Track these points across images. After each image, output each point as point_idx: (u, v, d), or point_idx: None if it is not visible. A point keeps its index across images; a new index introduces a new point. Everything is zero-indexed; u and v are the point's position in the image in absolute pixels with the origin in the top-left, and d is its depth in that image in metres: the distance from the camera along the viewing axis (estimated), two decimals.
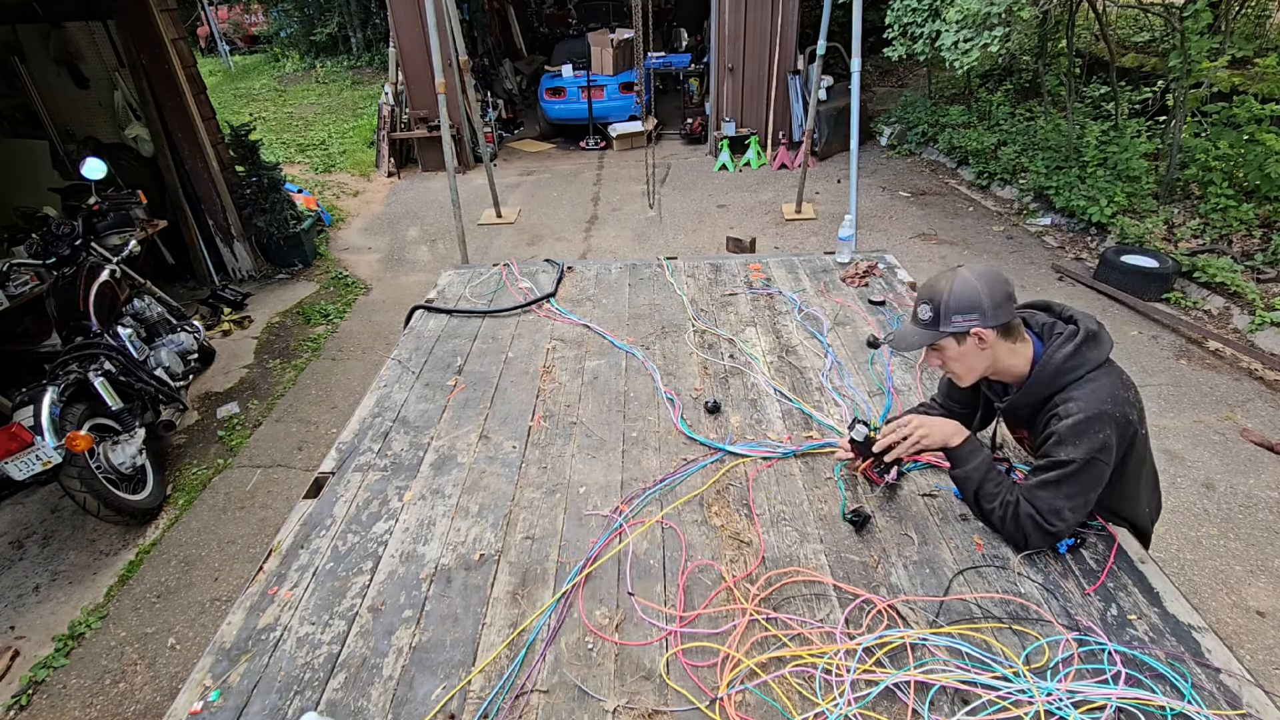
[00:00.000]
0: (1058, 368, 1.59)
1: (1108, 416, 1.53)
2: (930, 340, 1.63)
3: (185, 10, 16.00)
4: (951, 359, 1.65)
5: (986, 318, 1.56)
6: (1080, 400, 1.55)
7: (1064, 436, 1.55)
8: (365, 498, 1.96)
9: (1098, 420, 1.53)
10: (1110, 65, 6.86)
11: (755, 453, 2.01)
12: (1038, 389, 1.62)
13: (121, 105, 5.88)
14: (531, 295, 3.00)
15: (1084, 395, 1.56)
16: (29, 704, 2.86)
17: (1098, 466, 1.54)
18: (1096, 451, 1.53)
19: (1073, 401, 1.56)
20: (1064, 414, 1.56)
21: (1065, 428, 1.55)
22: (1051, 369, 1.59)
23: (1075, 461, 1.53)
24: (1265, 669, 2.65)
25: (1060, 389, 1.60)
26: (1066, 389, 1.59)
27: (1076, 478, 1.54)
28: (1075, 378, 1.59)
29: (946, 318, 1.59)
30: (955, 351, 1.63)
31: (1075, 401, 1.56)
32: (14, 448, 3.06)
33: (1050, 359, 1.59)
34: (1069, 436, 1.54)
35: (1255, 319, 4.57)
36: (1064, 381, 1.59)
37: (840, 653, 1.41)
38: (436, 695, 1.40)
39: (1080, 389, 1.57)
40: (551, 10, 14.58)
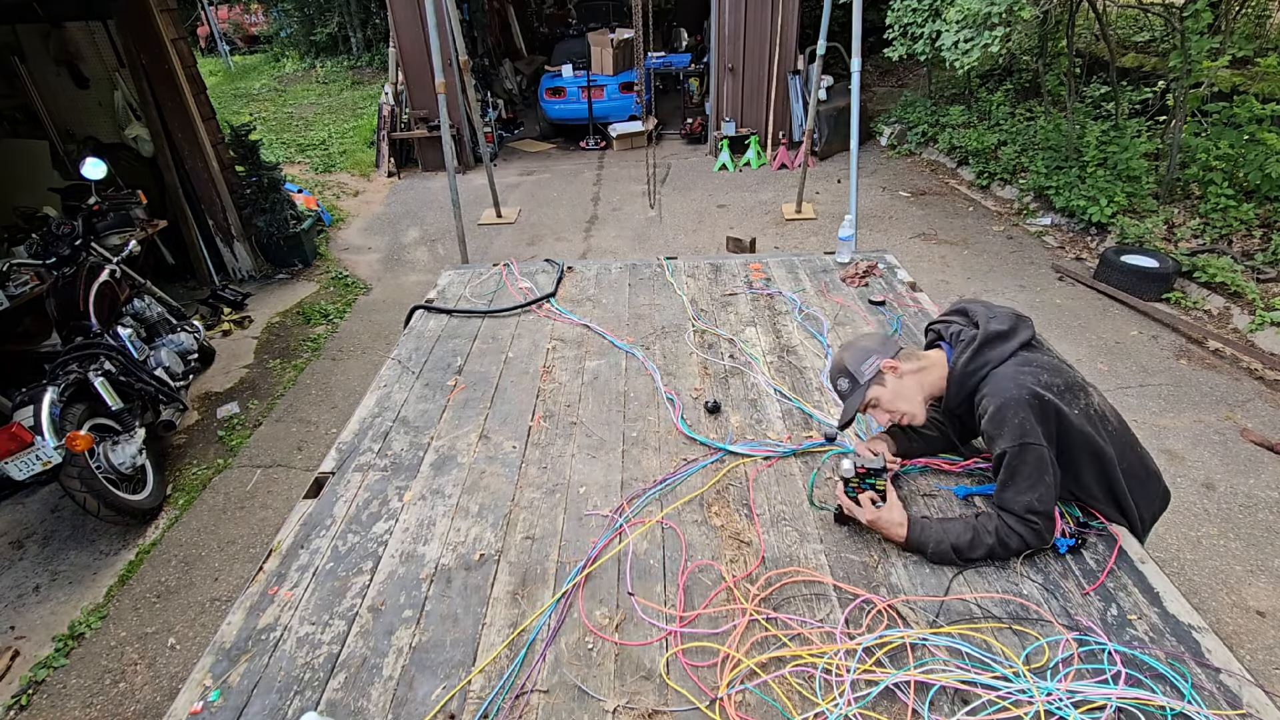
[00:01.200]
0: (962, 373, 1.71)
1: (1016, 401, 1.59)
2: (861, 398, 1.77)
3: (185, 10, 16.01)
4: (888, 403, 1.76)
5: (882, 352, 1.76)
6: (988, 396, 1.65)
7: (989, 434, 1.64)
8: (365, 498, 1.96)
9: (1006, 408, 1.60)
10: (1110, 65, 6.86)
11: (756, 452, 2.01)
12: (956, 395, 1.74)
13: (121, 105, 5.88)
14: (531, 295, 3.00)
15: (990, 391, 1.65)
16: (29, 704, 2.86)
17: (1032, 450, 1.58)
18: (1022, 436, 1.58)
19: (984, 399, 1.66)
20: (980, 413, 1.67)
21: (986, 426, 1.65)
22: (958, 375, 1.71)
23: (1007, 451, 1.60)
24: (1265, 669, 2.65)
25: (972, 391, 1.71)
26: (977, 389, 1.69)
27: (1019, 466, 1.59)
28: (980, 378, 1.69)
29: (859, 373, 1.77)
30: (887, 395, 1.75)
31: (986, 398, 1.65)
32: (14, 448, 3.06)
33: (955, 367, 1.72)
34: (991, 432, 1.63)
35: (1255, 319, 4.57)
36: (972, 384, 1.70)
37: (840, 653, 1.41)
38: (436, 695, 1.40)
39: (986, 386, 1.67)
40: (551, 10, 14.58)
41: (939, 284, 5.59)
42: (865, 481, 1.69)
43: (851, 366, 1.79)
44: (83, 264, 3.91)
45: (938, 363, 1.77)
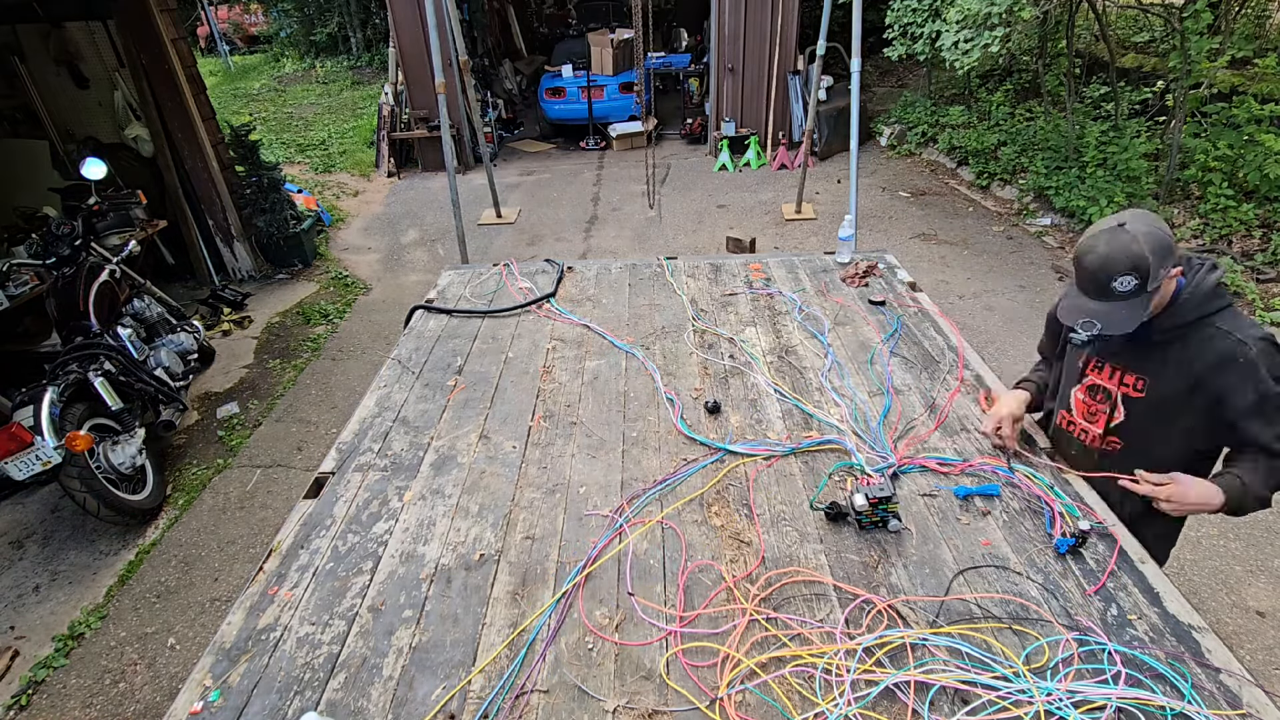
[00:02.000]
0: (1209, 292, 1.57)
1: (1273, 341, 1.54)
2: (1146, 306, 1.53)
3: (185, 10, 16.00)
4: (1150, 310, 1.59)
5: (1175, 254, 1.53)
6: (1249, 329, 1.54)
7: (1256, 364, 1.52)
8: (365, 498, 1.96)
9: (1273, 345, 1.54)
10: (1110, 65, 6.86)
11: (756, 451, 2.01)
12: (1187, 311, 1.58)
13: (121, 105, 5.88)
14: (531, 295, 3.00)
15: (1245, 324, 1.55)
16: (29, 704, 2.86)
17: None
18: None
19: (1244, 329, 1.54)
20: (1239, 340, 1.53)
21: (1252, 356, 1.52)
22: (1202, 293, 1.57)
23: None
24: (1265, 669, 2.65)
25: (1208, 315, 1.56)
26: (1215, 316, 1.56)
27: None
28: (1224, 305, 1.58)
29: (1155, 276, 1.49)
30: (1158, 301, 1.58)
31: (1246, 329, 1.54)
32: (14, 448, 3.07)
33: (1200, 284, 1.58)
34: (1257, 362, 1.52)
35: (1255, 319, 4.57)
36: (1213, 307, 1.56)
37: (840, 653, 1.41)
38: (436, 695, 1.40)
39: (1233, 319, 1.56)
40: (551, 10, 14.58)
41: (939, 284, 5.59)
42: (879, 509, 1.70)
43: (1151, 263, 1.47)
44: (83, 264, 3.91)
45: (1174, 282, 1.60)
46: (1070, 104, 6.65)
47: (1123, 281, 1.51)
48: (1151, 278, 1.49)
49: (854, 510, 1.73)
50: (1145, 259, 1.48)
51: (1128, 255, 1.49)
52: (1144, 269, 1.48)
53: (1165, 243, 1.50)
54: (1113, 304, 1.54)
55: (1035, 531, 1.69)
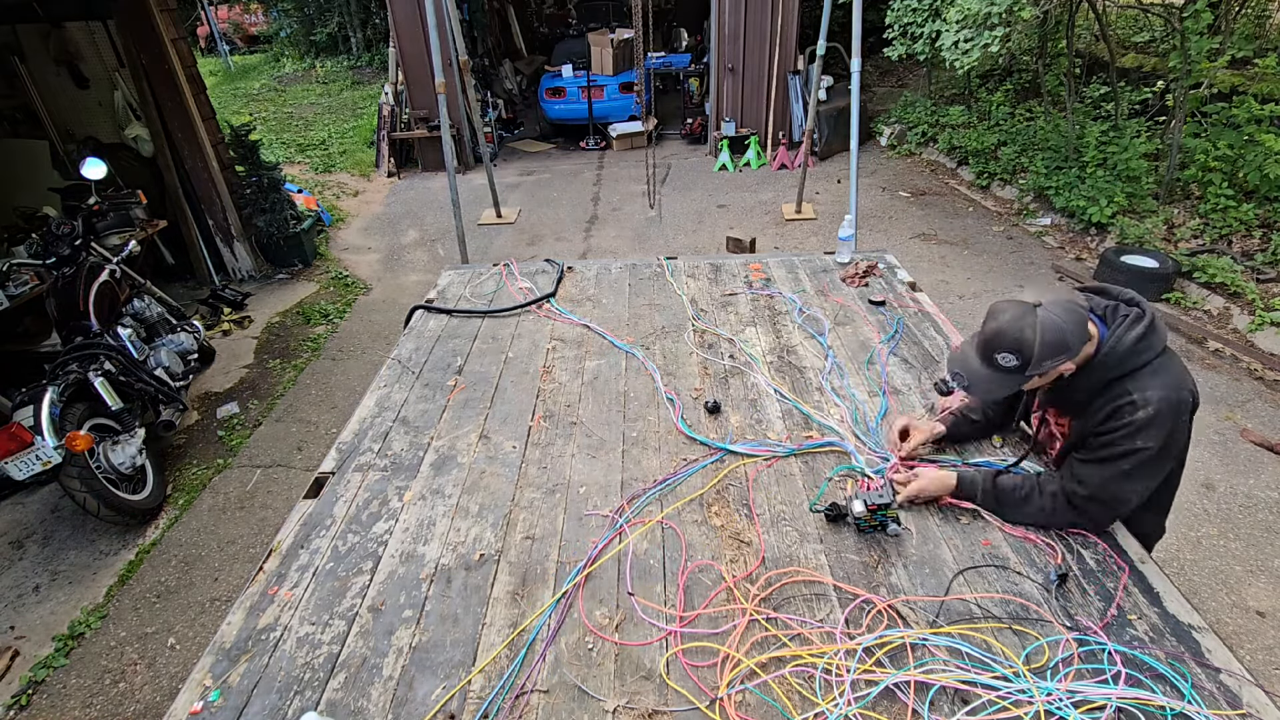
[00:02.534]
0: (1127, 350, 1.54)
1: (1183, 405, 1.52)
2: (1018, 386, 1.59)
3: (185, 10, 16.01)
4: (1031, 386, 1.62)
5: (1072, 352, 1.53)
6: (1157, 389, 1.51)
7: (1142, 425, 1.51)
8: (365, 498, 1.96)
9: (1176, 408, 1.51)
10: (1110, 65, 6.86)
11: (759, 451, 2.01)
12: (1102, 372, 1.57)
13: (121, 105, 5.88)
14: (531, 295, 3.00)
15: (1160, 383, 1.52)
16: (29, 704, 2.86)
17: (1166, 457, 1.54)
18: (1170, 439, 1.52)
19: (1150, 390, 1.51)
20: (1141, 402, 1.51)
21: (1144, 417, 1.50)
22: (1121, 352, 1.54)
23: (1150, 449, 1.51)
24: (1265, 669, 2.65)
25: (1128, 373, 1.55)
26: (1135, 374, 1.54)
27: (1149, 467, 1.54)
28: (1144, 361, 1.54)
29: (1038, 365, 1.53)
30: (1037, 382, 1.60)
31: (1153, 390, 1.51)
32: (14, 448, 3.06)
33: (1119, 342, 1.55)
34: (1147, 425, 1.50)
35: (1255, 319, 4.57)
36: (1132, 365, 1.55)
37: (840, 653, 1.41)
38: (436, 695, 1.40)
39: (1154, 376, 1.53)
40: (551, 10, 14.58)
41: (939, 284, 5.59)
42: (877, 515, 1.71)
43: (1035, 353, 1.52)
44: (83, 264, 3.91)
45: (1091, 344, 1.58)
46: (1070, 104, 6.65)
47: (1004, 358, 1.56)
48: (1033, 365, 1.53)
49: (853, 516, 1.73)
50: (1031, 347, 1.52)
51: (1019, 337, 1.53)
52: (1027, 355, 1.52)
53: (1062, 340, 1.51)
54: (990, 371, 1.59)
55: (1035, 530, 1.69)
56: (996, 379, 1.59)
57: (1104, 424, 1.57)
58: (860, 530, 1.74)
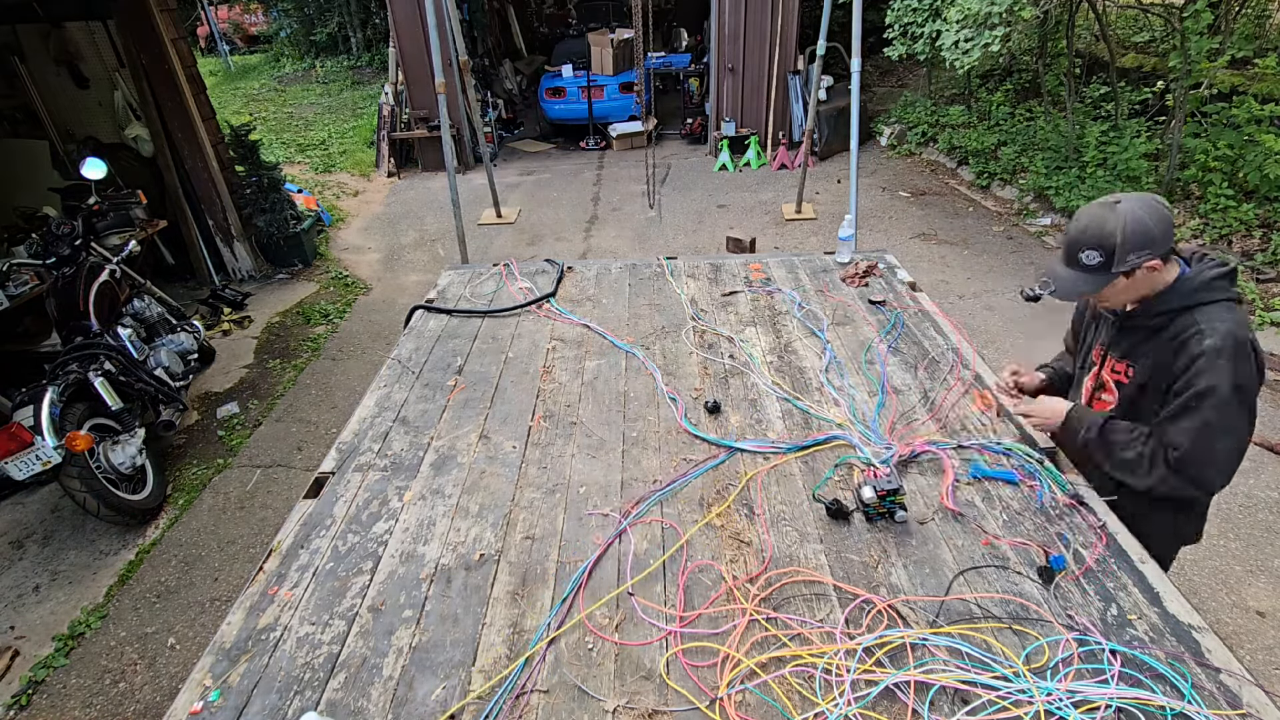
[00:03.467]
0: (1203, 283, 1.52)
1: (1246, 344, 1.45)
2: (1103, 284, 1.56)
3: (185, 10, 16.00)
4: (1117, 293, 1.59)
5: (1158, 247, 1.50)
6: (1224, 321, 1.46)
7: (1210, 355, 1.45)
8: (365, 498, 1.96)
9: (1245, 345, 1.45)
10: (1110, 65, 6.86)
11: (762, 448, 2.01)
12: (1177, 298, 1.54)
13: (121, 105, 5.88)
14: (531, 295, 3.00)
15: (1227, 317, 1.46)
16: (29, 704, 2.86)
17: (1246, 399, 1.45)
18: (1243, 380, 1.44)
19: (1218, 321, 1.47)
20: (1209, 331, 1.47)
21: (1212, 345, 1.45)
22: (1196, 283, 1.52)
23: (1219, 386, 1.44)
24: (1265, 669, 2.65)
25: (1193, 306, 1.52)
26: (1205, 307, 1.50)
27: (1228, 409, 1.46)
28: (1213, 298, 1.51)
29: (1121, 259, 1.51)
30: (1123, 286, 1.56)
31: (1218, 321, 1.46)
32: (14, 448, 3.07)
33: (1198, 274, 1.53)
34: (1215, 356, 1.44)
35: (1255, 319, 4.57)
36: (1200, 299, 1.51)
37: (840, 653, 1.41)
38: (437, 695, 1.40)
39: (1218, 312, 1.48)
40: (551, 10, 14.58)
41: (939, 284, 5.59)
42: (886, 501, 1.72)
43: (1118, 243, 1.50)
44: (83, 264, 3.91)
45: (1170, 270, 1.58)
46: (1070, 104, 6.65)
47: (1088, 255, 1.55)
48: (1117, 260, 1.51)
49: (862, 502, 1.74)
50: (1113, 240, 1.51)
51: (1100, 233, 1.53)
52: (1110, 248, 1.51)
53: (1148, 231, 1.49)
54: (1075, 272, 1.59)
55: (1036, 532, 1.69)
56: (1082, 279, 1.58)
57: (1175, 363, 1.53)
58: (869, 518, 1.75)
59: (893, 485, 1.71)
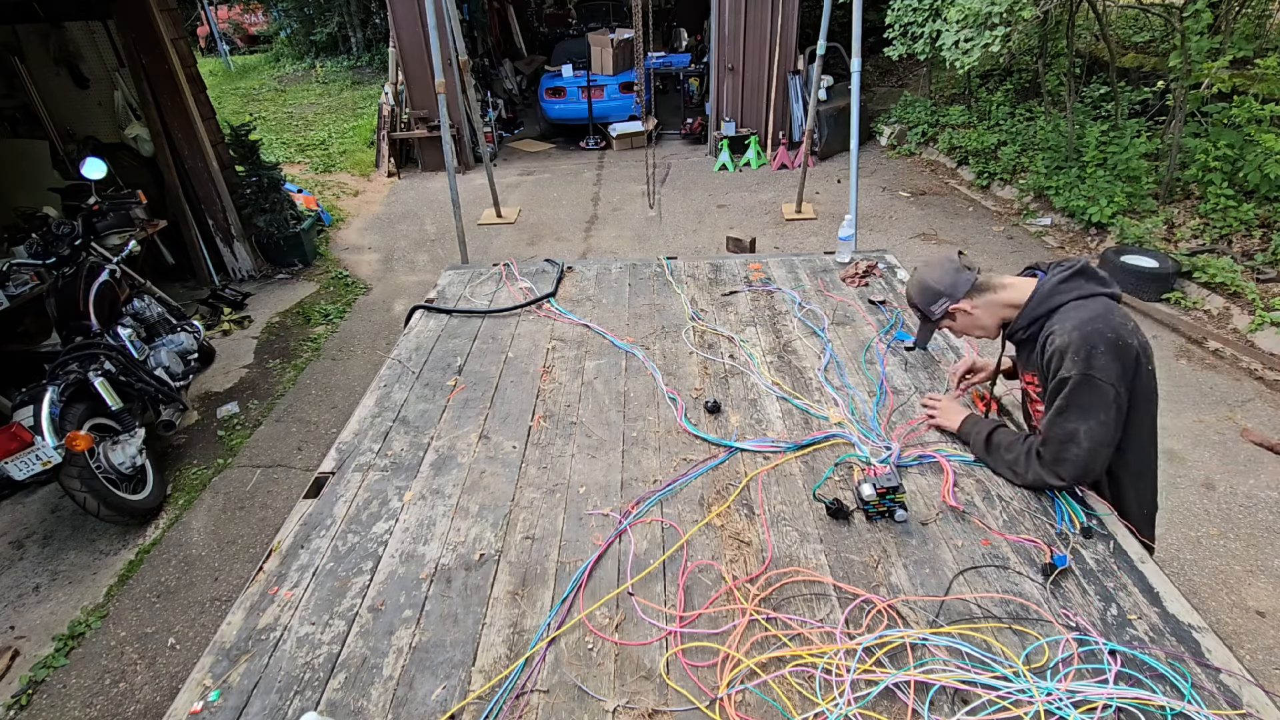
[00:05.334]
0: (1051, 289, 1.69)
1: (1099, 335, 1.57)
2: (933, 331, 1.96)
3: (185, 10, 15.99)
4: (962, 330, 1.89)
5: (952, 295, 1.81)
6: (1070, 320, 1.62)
7: (1060, 355, 1.61)
8: (365, 498, 1.96)
9: (1090, 337, 1.57)
10: (1110, 65, 6.86)
11: (763, 448, 2.01)
12: (1032, 310, 1.71)
13: (121, 105, 5.88)
14: (531, 295, 3.00)
15: (1074, 315, 1.62)
16: (29, 704, 2.86)
17: (1099, 386, 1.56)
18: (1089, 367, 1.56)
19: (1066, 320, 1.62)
20: (1059, 332, 1.62)
21: (1058, 346, 1.61)
22: (1045, 290, 1.70)
23: (1071, 378, 1.58)
24: (1265, 669, 2.65)
25: (1052, 310, 1.68)
26: (1056, 310, 1.67)
27: (1078, 395, 1.58)
28: (1067, 299, 1.66)
29: (929, 312, 1.86)
30: (959, 327, 1.88)
31: (1067, 320, 1.62)
32: (14, 448, 3.06)
33: (1046, 283, 1.71)
34: (1063, 353, 1.60)
35: (1255, 319, 4.57)
36: (1056, 303, 1.67)
37: (840, 653, 1.41)
38: (437, 695, 1.40)
39: (1071, 311, 1.64)
40: (551, 10, 14.58)
41: None
42: (885, 499, 1.72)
43: (920, 304, 1.87)
44: (83, 264, 3.91)
45: (1018, 286, 1.76)
46: (1070, 104, 6.65)
47: (914, 313, 1.95)
48: (926, 313, 1.88)
49: (861, 500, 1.75)
50: (915, 301, 1.90)
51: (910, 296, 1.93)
52: (917, 307, 1.90)
53: (929, 289, 1.83)
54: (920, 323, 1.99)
55: (1036, 531, 1.69)
56: (923, 329, 1.99)
57: (1043, 368, 1.69)
58: (868, 516, 1.75)
59: (892, 483, 1.71)
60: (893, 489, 1.71)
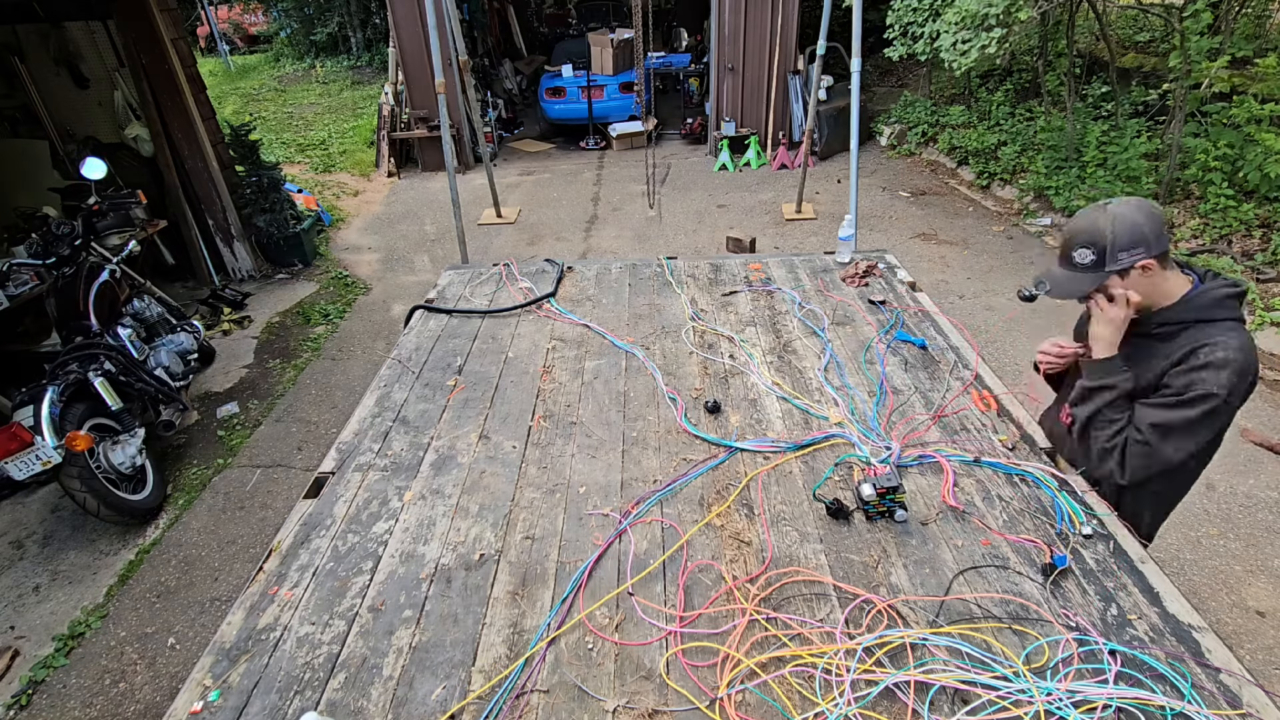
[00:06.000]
0: (1216, 300, 1.61)
1: (1253, 367, 1.56)
2: (1096, 284, 1.64)
3: (185, 10, 16.00)
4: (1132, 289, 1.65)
5: (1151, 248, 1.58)
6: (1235, 341, 1.56)
7: (1216, 369, 1.55)
8: (365, 498, 1.96)
9: (1248, 367, 1.55)
10: (1110, 65, 6.86)
11: (763, 448, 2.01)
12: (1189, 311, 1.63)
13: (121, 105, 5.89)
14: (531, 295, 3.00)
15: (1238, 338, 1.57)
16: (29, 704, 2.86)
17: (1227, 411, 1.57)
18: (1234, 398, 1.55)
19: (1232, 340, 1.56)
20: (1223, 345, 1.56)
21: (1217, 360, 1.55)
22: (1210, 299, 1.61)
23: (1219, 397, 1.54)
24: (1265, 669, 2.65)
25: (1209, 320, 1.60)
26: (1218, 323, 1.59)
27: (1207, 414, 1.56)
28: (1227, 316, 1.60)
29: (1113, 257, 1.59)
30: (1138, 285, 1.63)
31: (1232, 340, 1.56)
32: (14, 448, 3.07)
33: (1212, 290, 1.62)
34: (1222, 367, 1.54)
35: (1255, 319, 4.57)
36: (1216, 315, 1.60)
37: (840, 653, 1.41)
38: (437, 695, 1.40)
39: (1233, 332, 1.58)
40: (551, 10, 14.58)
41: (939, 284, 5.59)
42: (885, 499, 1.72)
43: (1110, 242, 1.60)
44: (83, 264, 3.91)
45: (1177, 281, 1.66)
46: (1070, 104, 6.65)
47: (1081, 254, 1.64)
48: (1109, 258, 1.60)
49: (861, 500, 1.74)
50: (1105, 238, 1.60)
51: (1092, 232, 1.62)
52: (1101, 246, 1.60)
53: (1138, 230, 1.57)
54: (1069, 272, 1.68)
55: (1036, 531, 1.69)
56: (1077, 278, 1.65)
57: (1178, 364, 1.61)
58: (868, 516, 1.75)
59: (892, 483, 1.71)
60: (893, 489, 1.71)
